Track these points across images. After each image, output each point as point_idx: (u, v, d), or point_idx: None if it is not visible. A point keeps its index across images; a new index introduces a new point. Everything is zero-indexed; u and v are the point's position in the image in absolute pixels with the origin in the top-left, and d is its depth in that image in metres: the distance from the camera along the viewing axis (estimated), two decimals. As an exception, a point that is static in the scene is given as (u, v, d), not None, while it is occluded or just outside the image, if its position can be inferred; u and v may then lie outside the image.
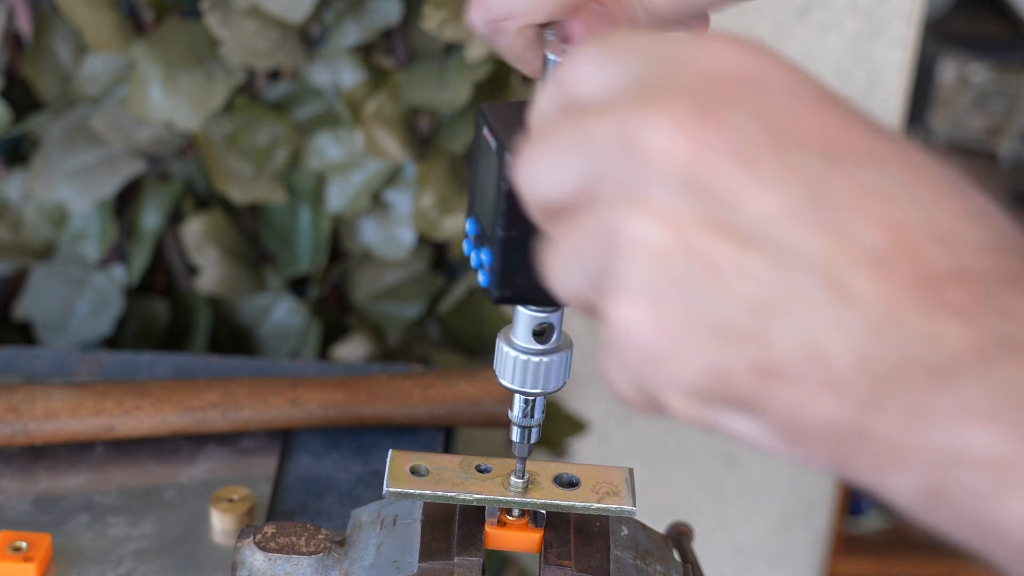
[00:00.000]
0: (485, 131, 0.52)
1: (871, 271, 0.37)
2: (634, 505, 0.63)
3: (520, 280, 0.52)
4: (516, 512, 0.64)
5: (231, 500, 0.78)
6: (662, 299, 0.38)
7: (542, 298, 0.53)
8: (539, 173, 0.41)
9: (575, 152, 0.40)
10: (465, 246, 0.55)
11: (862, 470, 0.39)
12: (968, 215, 0.38)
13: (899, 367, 0.37)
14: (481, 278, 0.54)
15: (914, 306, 0.37)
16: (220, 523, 0.77)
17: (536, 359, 0.57)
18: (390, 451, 0.65)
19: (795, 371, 0.37)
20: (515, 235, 0.51)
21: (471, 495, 0.62)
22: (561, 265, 0.41)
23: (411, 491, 0.62)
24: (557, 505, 0.62)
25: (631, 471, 0.64)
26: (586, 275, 0.40)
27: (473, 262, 0.54)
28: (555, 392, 0.59)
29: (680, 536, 0.71)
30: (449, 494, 0.62)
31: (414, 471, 0.63)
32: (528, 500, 0.62)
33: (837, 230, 0.37)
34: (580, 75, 0.42)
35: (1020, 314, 0.37)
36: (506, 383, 0.58)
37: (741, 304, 0.37)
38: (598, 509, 0.62)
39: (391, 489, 0.62)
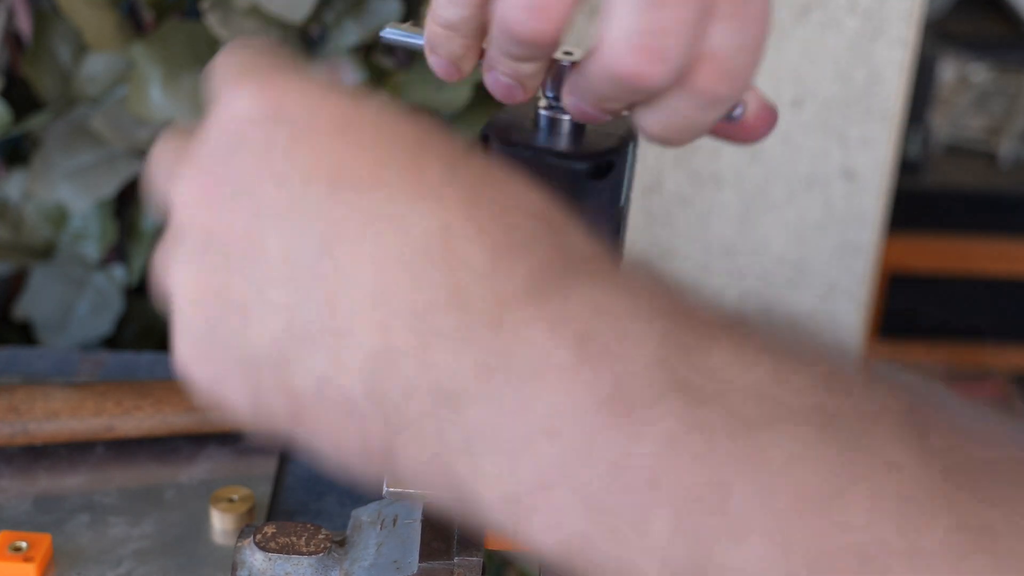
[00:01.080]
0: (497, 147, 0.52)
1: (367, 307, 0.38)
2: None
3: None
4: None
5: (231, 500, 0.78)
6: (203, 343, 0.42)
7: None
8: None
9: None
10: None
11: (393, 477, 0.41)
12: (477, 231, 0.38)
13: (408, 395, 0.38)
14: None
15: (409, 338, 0.37)
16: (220, 523, 0.77)
17: None
18: None
19: (317, 405, 0.39)
20: None
21: None
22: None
23: (411, 491, 0.62)
24: None
25: None
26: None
27: None
28: None
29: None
30: None
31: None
32: None
33: (336, 269, 0.38)
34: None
35: (513, 328, 0.37)
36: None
37: (265, 343, 0.40)
38: None
39: (392, 489, 0.62)
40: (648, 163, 1.33)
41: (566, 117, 0.52)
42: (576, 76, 0.49)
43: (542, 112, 0.52)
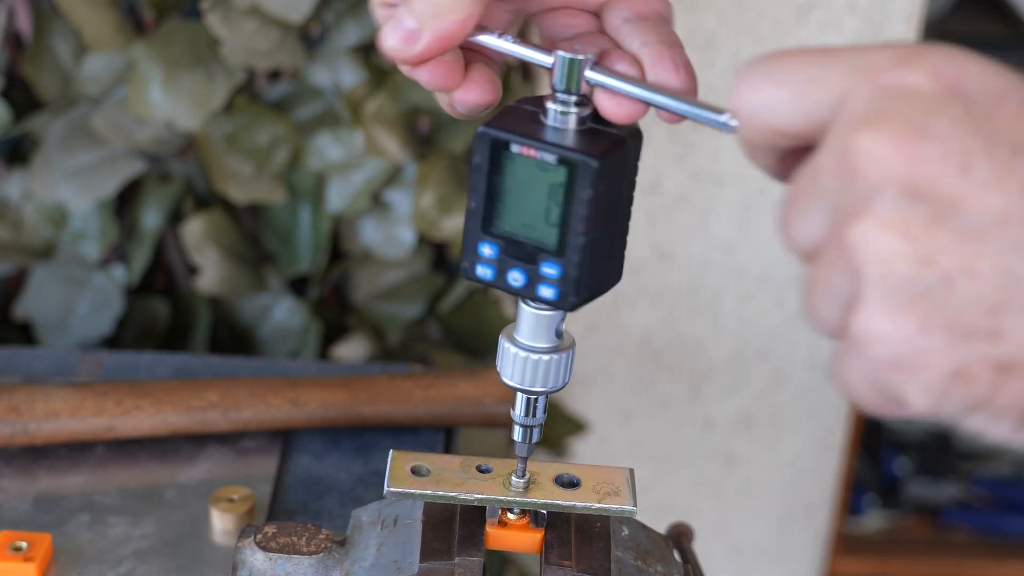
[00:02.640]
0: (516, 147, 0.52)
1: None
2: (635, 505, 0.63)
3: (594, 279, 0.53)
4: (516, 511, 0.64)
5: (231, 500, 0.78)
6: (901, 306, 0.40)
7: (601, 292, 0.54)
8: (792, 231, 0.45)
9: (812, 199, 0.43)
10: (485, 271, 0.54)
11: None
12: None
13: None
14: (549, 292, 0.53)
15: None
16: (220, 523, 0.77)
17: (539, 357, 0.57)
18: (391, 451, 0.65)
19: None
20: (595, 237, 0.52)
21: (472, 495, 0.62)
22: (817, 300, 0.44)
23: (412, 491, 0.62)
24: (558, 505, 0.62)
25: (632, 471, 0.64)
26: (837, 302, 0.43)
27: (516, 282, 0.54)
28: (557, 391, 0.59)
29: (680, 537, 0.71)
30: (450, 494, 0.62)
31: (415, 471, 0.63)
32: (529, 500, 0.62)
33: None
34: (778, 112, 0.45)
35: None
36: (509, 381, 0.58)
37: (974, 305, 0.40)
38: (598, 509, 0.62)
39: (392, 489, 0.62)
40: (648, 162, 1.33)
41: (574, 111, 0.52)
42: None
43: (550, 107, 0.52)
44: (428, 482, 0.63)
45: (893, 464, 1.92)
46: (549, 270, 0.53)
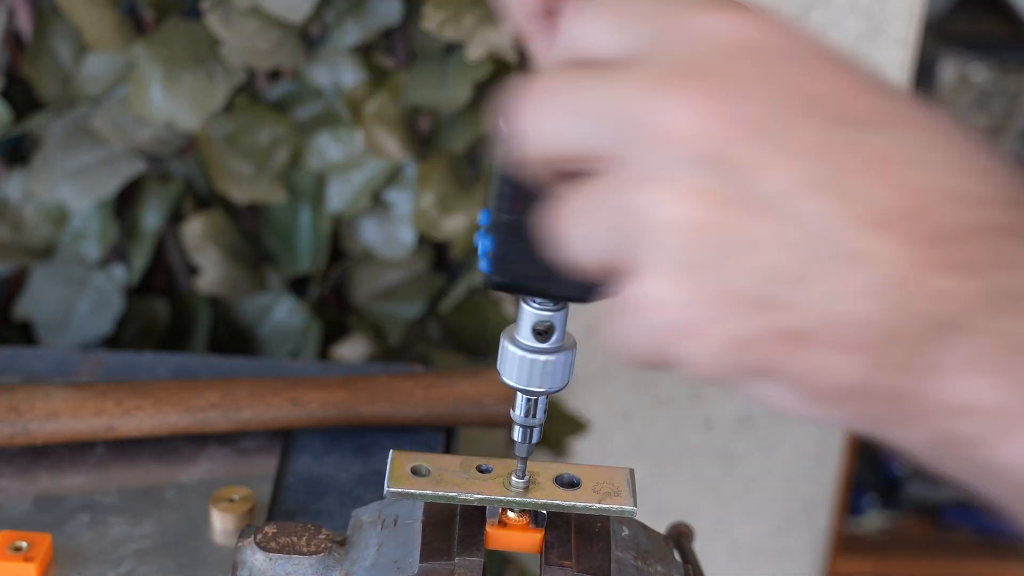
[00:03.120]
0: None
1: (885, 233, 0.38)
2: (635, 505, 0.62)
3: (519, 267, 0.52)
4: (516, 511, 0.64)
5: (231, 500, 0.78)
6: (688, 274, 0.39)
7: (539, 288, 0.53)
8: (544, 123, 0.41)
9: (584, 114, 0.40)
10: (476, 237, 0.55)
11: (876, 425, 0.40)
12: (978, 171, 0.39)
13: (914, 325, 0.38)
14: (482, 264, 0.53)
15: (926, 264, 0.38)
16: (220, 523, 0.77)
17: (540, 358, 0.57)
18: (391, 451, 0.65)
19: (817, 336, 0.38)
20: (516, 220, 0.51)
21: (472, 495, 0.62)
22: (575, 228, 0.41)
23: (412, 491, 0.62)
24: (558, 505, 0.62)
25: (632, 471, 0.64)
26: (603, 242, 0.41)
27: (480, 251, 0.54)
28: (558, 392, 0.59)
29: (680, 536, 0.71)
30: (450, 494, 0.62)
31: (415, 471, 0.63)
32: (528, 500, 0.62)
33: (850, 195, 0.38)
34: (587, 34, 0.42)
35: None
36: (509, 381, 0.58)
37: (764, 276, 0.38)
38: (598, 509, 0.62)
39: (392, 489, 0.62)
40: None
41: None
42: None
43: None
44: (428, 482, 0.63)
45: (893, 464, 1.92)
46: (486, 243, 0.53)
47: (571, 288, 0.51)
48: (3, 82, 1.04)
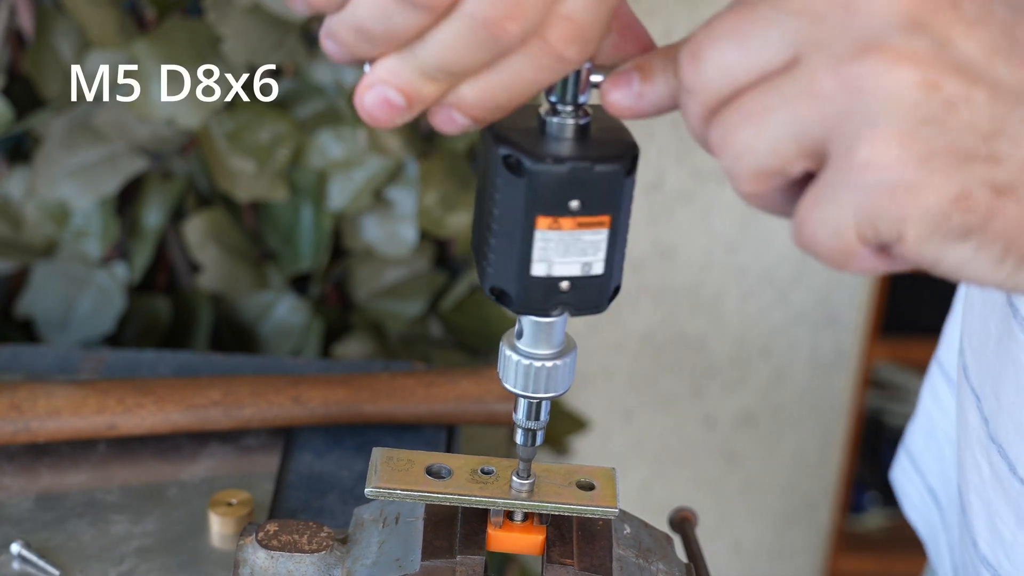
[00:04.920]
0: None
1: None
2: (617, 505, 0.62)
3: (487, 266, 0.52)
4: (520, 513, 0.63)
5: (230, 504, 0.78)
6: (910, 133, 0.42)
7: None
8: (745, 46, 0.44)
9: (786, 21, 0.43)
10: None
11: None
12: None
13: None
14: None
15: None
16: (219, 527, 0.77)
17: (540, 364, 0.57)
18: (373, 449, 0.64)
19: (1018, 188, 0.43)
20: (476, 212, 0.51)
21: (444, 495, 0.62)
22: (762, 135, 0.44)
23: (397, 491, 0.62)
24: (537, 506, 0.62)
25: (614, 470, 0.64)
26: (799, 135, 0.44)
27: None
28: (560, 396, 0.59)
29: (684, 522, 0.71)
30: (425, 492, 0.62)
31: (397, 469, 0.63)
32: (503, 500, 0.62)
33: None
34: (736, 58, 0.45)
35: None
36: (511, 388, 0.58)
37: (973, 131, 0.42)
38: (579, 510, 0.62)
39: (371, 488, 0.62)
40: (650, 159, 1.33)
41: (570, 122, 0.51)
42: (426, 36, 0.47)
43: (552, 119, 0.51)
44: (408, 481, 0.62)
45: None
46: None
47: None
48: (5, 80, 1.04)
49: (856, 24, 0.42)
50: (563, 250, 0.51)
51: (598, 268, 0.52)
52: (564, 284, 0.52)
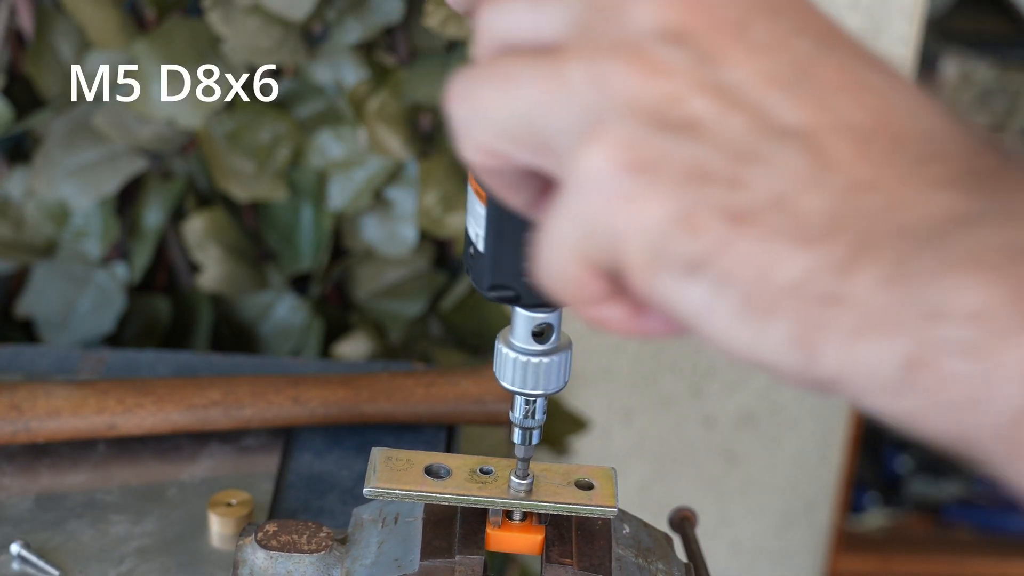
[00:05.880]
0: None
1: (851, 142, 0.37)
2: (616, 505, 0.62)
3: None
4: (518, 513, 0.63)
5: (229, 504, 0.78)
6: (638, 140, 0.38)
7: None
8: (517, 11, 0.42)
9: (573, 3, 0.40)
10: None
11: (831, 344, 0.36)
12: (949, 122, 0.39)
13: (874, 230, 0.36)
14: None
15: (894, 176, 0.37)
16: (218, 527, 0.77)
17: (536, 360, 0.57)
18: (372, 449, 0.64)
19: (764, 219, 0.37)
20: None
21: (441, 494, 0.62)
22: (503, 104, 0.41)
23: (391, 490, 0.62)
24: (537, 506, 0.62)
25: (613, 470, 0.64)
26: (534, 119, 0.40)
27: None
28: (556, 393, 0.59)
29: (684, 521, 0.71)
30: (422, 492, 0.62)
31: (397, 468, 0.63)
32: (500, 500, 0.62)
33: (821, 103, 0.38)
34: (508, 23, 0.42)
35: (1004, 190, 0.36)
36: (507, 385, 0.58)
37: (718, 152, 0.38)
38: (579, 509, 0.62)
39: (369, 488, 0.62)
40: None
41: None
42: None
43: None
44: (405, 481, 0.62)
45: (894, 462, 1.92)
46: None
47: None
48: (5, 79, 1.04)
49: (622, 23, 0.39)
50: None
51: None
52: None
